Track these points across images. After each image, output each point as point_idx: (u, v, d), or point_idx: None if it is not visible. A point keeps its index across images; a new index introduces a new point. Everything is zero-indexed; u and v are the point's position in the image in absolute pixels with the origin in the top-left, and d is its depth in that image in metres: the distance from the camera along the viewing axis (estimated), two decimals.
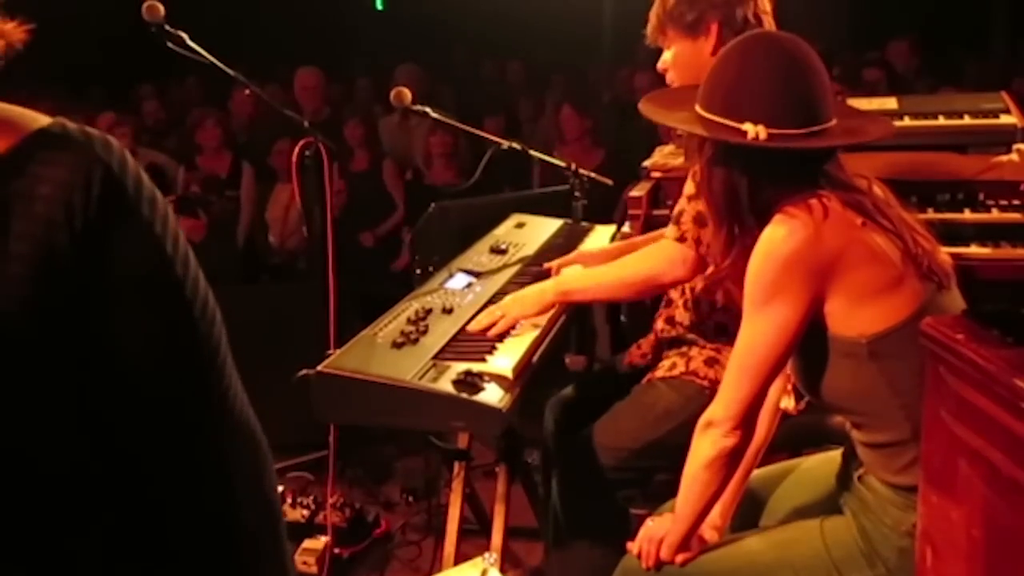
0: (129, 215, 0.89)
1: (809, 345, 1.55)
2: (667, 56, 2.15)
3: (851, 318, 1.51)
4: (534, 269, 2.49)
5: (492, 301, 2.27)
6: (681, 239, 1.99)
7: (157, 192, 0.93)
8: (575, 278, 2.19)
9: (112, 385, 0.90)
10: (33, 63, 1.01)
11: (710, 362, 2.13)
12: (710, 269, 1.94)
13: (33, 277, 0.85)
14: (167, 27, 2.20)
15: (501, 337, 2.04)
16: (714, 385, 1.63)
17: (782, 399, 1.88)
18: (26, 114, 0.91)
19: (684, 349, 2.21)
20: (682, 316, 2.25)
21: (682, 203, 2.04)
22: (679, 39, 2.11)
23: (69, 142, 0.88)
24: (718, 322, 2.16)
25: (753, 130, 1.51)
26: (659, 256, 2.04)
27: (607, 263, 2.25)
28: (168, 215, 0.93)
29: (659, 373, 2.21)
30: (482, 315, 2.10)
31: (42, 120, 0.90)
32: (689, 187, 2.04)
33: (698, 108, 1.61)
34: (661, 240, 2.09)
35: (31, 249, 0.85)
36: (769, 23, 2.08)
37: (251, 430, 0.99)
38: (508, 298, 2.13)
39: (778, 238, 1.50)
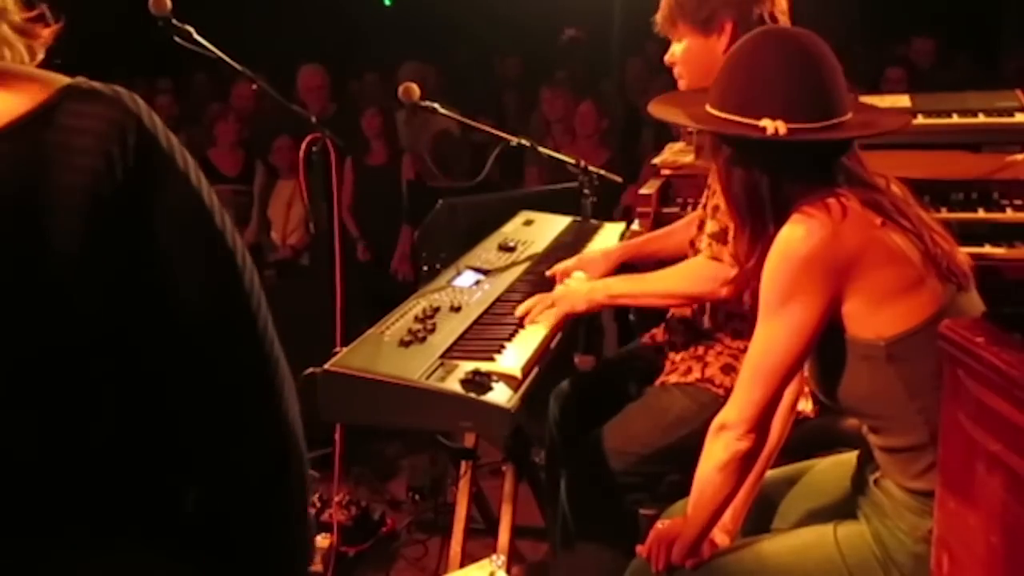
0: (166, 165, 0.90)
1: (826, 347, 1.53)
2: (676, 49, 2.12)
3: (869, 320, 1.49)
4: (542, 269, 2.47)
5: (500, 299, 2.25)
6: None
7: (184, 149, 0.94)
8: (625, 283, 2.20)
9: (164, 332, 0.91)
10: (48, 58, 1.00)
11: (727, 369, 2.10)
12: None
13: (84, 230, 0.85)
14: (174, 21, 2.18)
15: (510, 336, 2.02)
16: (729, 393, 1.61)
17: (799, 402, 1.85)
18: (49, 74, 0.91)
19: (700, 352, 2.18)
20: (697, 316, 2.22)
21: (722, 220, 1.99)
22: (690, 34, 2.08)
23: (99, 96, 0.89)
24: (735, 327, 2.13)
25: (772, 125, 1.48)
26: (703, 274, 2.03)
27: (638, 273, 2.29)
28: (198, 169, 0.94)
29: (673, 378, 2.18)
30: (533, 301, 2.13)
31: (65, 78, 0.90)
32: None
33: (710, 108, 1.58)
34: (700, 257, 2.08)
35: (81, 201, 0.85)
36: (785, 23, 2.04)
37: (288, 373, 1.00)
38: (559, 289, 2.19)
39: (796, 238, 1.47)
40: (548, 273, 2.41)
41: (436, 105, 2.61)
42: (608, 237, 2.82)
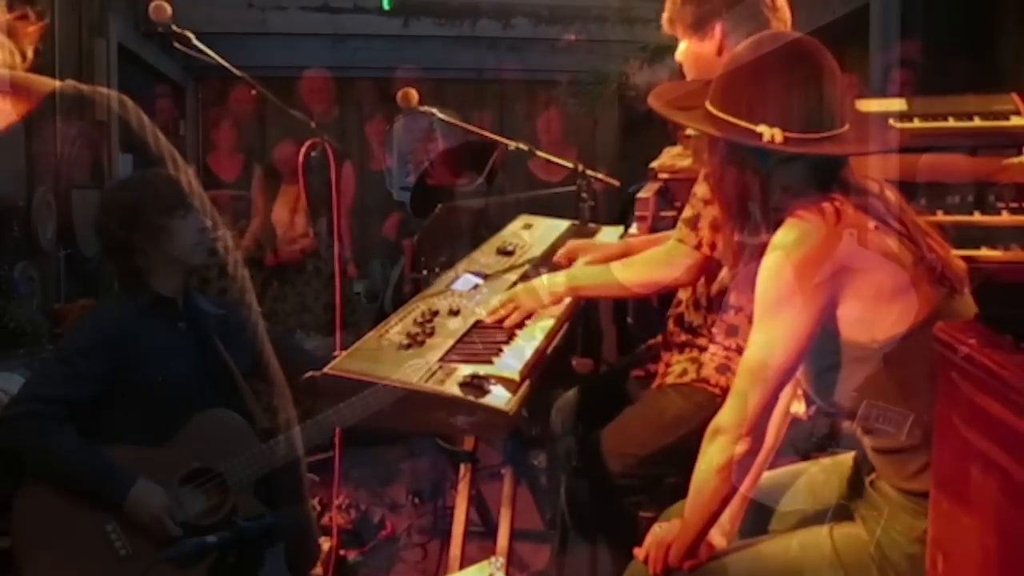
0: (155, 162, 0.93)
1: (820, 350, 1.53)
2: (681, 48, 2.14)
3: (863, 323, 1.50)
4: (542, 271, 2.48)
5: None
6: (698, 246, 2.02)
7: (174, 149, 0.97)
8: (585, 274, 2.23)
9: None
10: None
11: (721, 369, 2.11)
12: (724, 271, 1.94)
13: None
14: (174, 27, 2.19)
15: (508, 339, 2.03)
16: (725, 392, 1.61)
17: (792, 404, 1.86)
18: (37, 78, 0.93)
19: (695, 354, 2.19)
20: (691, 316, 2.23)
21: (696, 206, 2.03)
22: (686, 36, 2.11)
23: (84, 100, 0.92)
24: (728, 323, 2.14)
25: (768, 133, 1.49)
26: (664, 258, 2.08)
27: (613, 260, 2.29)
28: (186, 167, 0.97)
29: (669, 379, 2.19)
30: (495, 305, 2.13)
31: (52, 82, 0.92)
32: (704, 190, 2.03)
33: (711, 107, 1.59)
34: (668, 242, 2.10)
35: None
36: (779, 24, 2.06)
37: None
38: (519, 288, 2.18)
39: (790, 242, 1.48)
40: (556, 258, 2.44)
41: (435, 110, 2.62)
42: (605, 241, 2.83)
